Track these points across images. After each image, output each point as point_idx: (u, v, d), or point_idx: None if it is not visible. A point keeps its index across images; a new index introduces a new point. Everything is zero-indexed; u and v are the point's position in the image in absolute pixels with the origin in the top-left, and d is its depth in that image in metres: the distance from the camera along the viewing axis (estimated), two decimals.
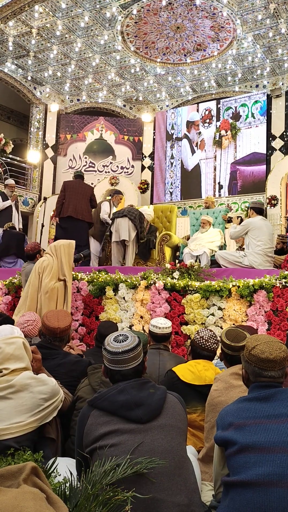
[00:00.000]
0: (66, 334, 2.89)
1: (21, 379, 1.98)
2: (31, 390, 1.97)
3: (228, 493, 1.55)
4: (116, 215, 6.54)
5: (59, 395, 2.11)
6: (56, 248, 4.77)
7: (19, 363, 2.06)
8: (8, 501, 1.02)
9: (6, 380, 1.97)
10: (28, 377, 2.01)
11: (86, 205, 7.00)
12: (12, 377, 1.98)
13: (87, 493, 1.28)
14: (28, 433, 1.91)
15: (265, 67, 10.40)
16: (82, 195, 6.97)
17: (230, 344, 2.45)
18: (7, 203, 8.26)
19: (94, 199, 7.14)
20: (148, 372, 2.84)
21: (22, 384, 1.97)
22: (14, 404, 1.92)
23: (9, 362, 2.04)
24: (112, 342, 1.78)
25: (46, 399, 2.00)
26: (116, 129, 12.44)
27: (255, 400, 1.66)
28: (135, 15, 8.89)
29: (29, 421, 1.91)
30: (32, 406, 1.95)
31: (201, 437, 2.53)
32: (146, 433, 1.60)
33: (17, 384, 1.96)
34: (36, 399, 1.97)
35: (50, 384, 2.06)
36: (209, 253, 6.44)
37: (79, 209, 6.84)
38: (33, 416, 1.93)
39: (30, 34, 9.58)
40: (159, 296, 4.72)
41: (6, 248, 7.53)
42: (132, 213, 6.45)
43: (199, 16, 8.92)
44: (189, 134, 11.95)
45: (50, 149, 12.31)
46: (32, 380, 2.01)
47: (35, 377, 2.05)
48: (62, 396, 2.15)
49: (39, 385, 2.01)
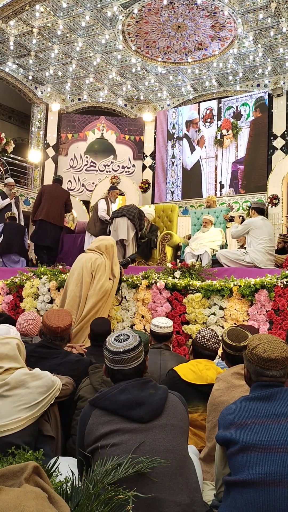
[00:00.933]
0: (67, 333, 2.89)
1: (15, 376, 1.99)
2: (27, 386, 1.99)
3: (230, 493, 1.55)
4: (115, 215, 6.54)
5: (56, 386, 2.14)
6: (107, 247, 4.53)
7: (14, 363, 2.07)
8: (10, 501, 1.02)
9: (2, 379, 1.98)
10: (23, 374, 2.03)
11: (59, 209, 7.21)
12: (7, 376, 1.99)
13: (88, 492, 1.28)
14: (28, 427, 1.92)
15: (266, 66, 10.39)
16: (57, 199, 7.16)
17: (231, 344, 2.44)
18: (5, 202, 8.24)
19: (69, 203, 7.35)
20: (150, 371, 2.84)
21: (17, 380, 1.98)
22: (12, 401, 1.93)
23: (3, 362, 2.05)
24: (113, 341, 1.78)
25: (43, 393, 2.02)
26: (117, 129, 12.44)
27: (256, 400, 1.66)
28: (136, 15, 8.88)
29: (26, 415, 1.93)
30: (29, 401, 1.96)
31: (203, 437, 2.53)
32: (148, 433, 1.60)
33: (12, 382, 1.97)
34: (34, 394, 1.99)
35: (45, 378, 2.09)
36: (210, 252, 6.43)
37: (51, 213, 7.05)
38: (30, 410, 1.95)
39: (31, 34, 9.58)
40: (160, 296, 4.72)
41: (8, 244, 7.41)
42: (131, 212, 6.44)
43: (200, 15, 8.91)
44: (188, 133, 11.96)
45: (51, 148, 12.32)
46: (26, 376, 2.02)
47: (29, 373, 2.06)
48: (60, 385, 2.18)
49: (34, 380, 2.02)
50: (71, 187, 12.11)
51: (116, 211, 6.67)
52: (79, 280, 4.31)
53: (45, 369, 2.38)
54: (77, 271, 4.36)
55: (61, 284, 5.17)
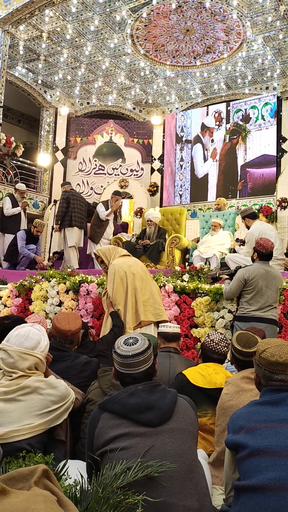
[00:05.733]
0: (76, 336, 2.92)
1: (30, 381, 1.99)
2: (41, 393, 1.98)
3: (239, 498, 1.54)
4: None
5: (70, 397, 2.10)
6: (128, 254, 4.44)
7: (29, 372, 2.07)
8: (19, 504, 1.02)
9: (16, 383, 1.98)
10: (38, 380, 2.02)
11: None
12: (21, 381, 1.99)
13: (97, 496, 1.28)
14: (38, 434, 1.91)
15: (275, 69, 10.36)
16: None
17: (241, 349, 2.41)
18: (16, 210, 8.29)
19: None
20: (159, 375, 2.84)
21: (33, 386, 1.97)
22: (24, 406, 1.93)
23: (19, 371, 2.04)
24: (122, 345, 1.78)
25: (55, 402, 2.00)
26: (126, 132, 12.47)
27: (266, 404, 1.65)
28: (144, 18, 8.91)
29: (39, 423, 1.92)
30: (42, 408, 1.95)
31: (212, 441, 2.52)
32: (157, 437, 1.59)
33: (27, 386, 1.96)
34: (46, 401, 1.97)
35: (60, 387, 2.06)
36: (219, 255, 6.42)
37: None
38: (43, 418, 1.94)
39: (41, 38, 9.65)
40: (168, 299, 4.71)
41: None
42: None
43: (208, 18, 8.92)
44: (203, 139, 11.92)
45: (60, 152, 12.38)
46: (41, 383, 2.01)
47: (44, 380, 2.05)
48: (73, 398, 2.15)
49: (48, 387, 2.01)
50: (80, 190, 12.15)
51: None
52: (150, 281, 4.23)
53: (55, 371, 2.39)
54: (137, 273, 4.14)
55: (73, 286, 5.17)
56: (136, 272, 4.01)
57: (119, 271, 3.97)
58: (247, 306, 3.91)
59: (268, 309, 3.88)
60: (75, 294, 5.18)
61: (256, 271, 3.94)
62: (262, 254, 4.05)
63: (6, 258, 7.74)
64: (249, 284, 3.91)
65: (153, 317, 3.94)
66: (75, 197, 7.63)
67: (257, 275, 3.91)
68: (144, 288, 3.99)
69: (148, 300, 3.98)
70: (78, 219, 7.49)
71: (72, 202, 7.50)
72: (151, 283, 4.12)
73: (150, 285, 4.10)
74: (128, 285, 3.92)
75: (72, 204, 7.49)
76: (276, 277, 3.98)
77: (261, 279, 3.90)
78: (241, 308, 3.96)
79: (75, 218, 7.44)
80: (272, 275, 3.96)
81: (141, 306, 3.88)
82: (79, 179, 12.30)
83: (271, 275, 3.96)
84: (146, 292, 3.99)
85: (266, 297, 3.88)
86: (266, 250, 4.04)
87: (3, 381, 2.00)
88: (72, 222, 7.41)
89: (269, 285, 3.91)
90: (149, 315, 3.92)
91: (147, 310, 3.93)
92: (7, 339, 2.09)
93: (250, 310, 3.86)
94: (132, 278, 3.95)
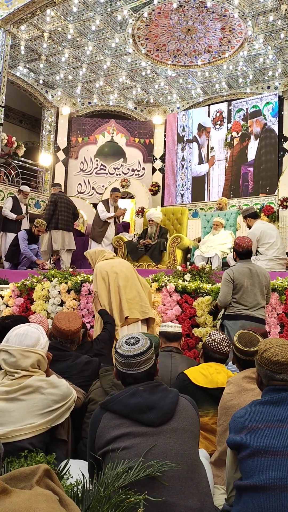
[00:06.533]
0: (77, 336, 2.91)
1: (32, 381, 1.99)
2: (43, 392, 1.98)
3: (241, 497, 1.54)
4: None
5: (71, 397, 2.10)
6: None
7: (32, 372, 2.07)
8: (21, 503, 1.02)
9: (18, 383, 1.98)
10: (39, 379, 2.02)
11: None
12: (23, 380, 1.99)
13: (99, 495, 1.28)
14: (40, 434, 1.91)
15: (276, 68, 10.35)
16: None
17: (242, 349, 2.41)
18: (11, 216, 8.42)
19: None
20: (160, 374, 2.83)
21: (34, 386, 1.97)
22: (26, 405, 1.92)
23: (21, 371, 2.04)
24: (123, 345, 1.77)
25: (57, 401, 2.00)
26: (127, 132, 12.47)
27: (268, 404, 1.65)
28: (146, 18, 8.91)
29: (41, 422, 1.92)
30: (43, 407, 1.95)
31: (213, 441, 2.52)
32: (158, 436, 1.59)
33: (29, 386, 1.96)
34: (48, 400, 1.97)
35: (62, 387, 2.06)
36: (220, 255, 6.42)
37: None
38: (45, 417, 1.94)
39: (42, 38, 9.66)
40: (170, 299, 4.71)
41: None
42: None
43: (210, 18, 8.91)
44: (199, 139, 11.92)
45: (61, 152, 12.38)
46: (43, 382, 2.01)
47: (46, 379, 2.05)
48: (75, 397, 2.15)
49: (50, 387, 2.01)
50: (81, 190, 12.16)
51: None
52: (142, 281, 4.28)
53: (56, 371, 2.38)
54: (128, 272, 4.17)
55: (74, 286, 5.17)
56: (120, 271, 4.03)
57: (101, 271, 4.03)
58: (236, 305, 3.92)
59: (257, 308, 3.90)
60: (76, 294, 5.18)
61: (240, 270, 3.97)
62: (240, 252, 4.07)
63: (8, 258, 7.75)
64: (234, 284, 3.92)
65: (140, 314, 3.96)
66: (62, 200, 7.68)
67: (241, 274, 3.94)
68: (129, 286, 4.01)
69: (134, 298, 4.00)
70: (64, 222, 7.55)
71: (59, 205, 7.55)
72: (136, 281, 4.13)
73: (136, 283, 4.11)
74: (111, 284, 3.95)
75: (59, 207, 7.55)
76: (260, 274, 3.98)
77: (246, 278, 3.92)
78: (230, 307, 3.96)
79: (61, 221, 7.50)
80: (256, 272, 3.98)
81: (125, 303, 3.89)
82: (81, 179, 12.31)
83: (255, 273, 3.97)
84: (132, 290, 4.01)
85: (254, 295, 3.89)
86: (243, 248, 4.05)
87: (4, 381, 2.01)
88: (58, 225, 7.46)
89: (254, 283, 3.92)
90: (135, 312, 3.93)
91: (133, 308, 3.94)
92: (6, 340, 2.09)
93: (240, 309, 3.88)
94: (114, 277, 3.97)
